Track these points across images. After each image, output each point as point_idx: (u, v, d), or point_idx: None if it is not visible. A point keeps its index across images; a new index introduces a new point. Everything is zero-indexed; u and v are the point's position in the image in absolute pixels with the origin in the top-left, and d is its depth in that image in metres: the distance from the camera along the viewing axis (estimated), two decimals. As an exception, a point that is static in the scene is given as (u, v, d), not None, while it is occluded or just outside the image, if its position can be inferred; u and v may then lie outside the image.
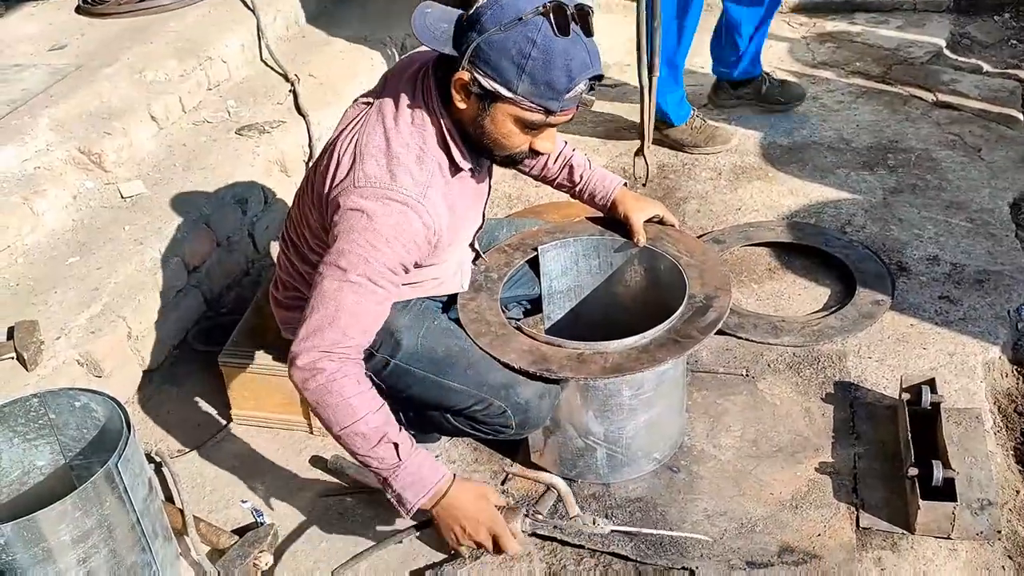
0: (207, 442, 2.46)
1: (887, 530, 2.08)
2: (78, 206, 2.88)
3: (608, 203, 2.37)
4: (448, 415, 2.15)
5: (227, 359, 2.39)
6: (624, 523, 2.13)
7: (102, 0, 3.76)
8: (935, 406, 2.22)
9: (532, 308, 2.48)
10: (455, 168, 1.95)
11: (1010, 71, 4.14)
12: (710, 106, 4.00)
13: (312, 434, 2.44)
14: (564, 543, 2.08)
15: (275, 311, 2.28)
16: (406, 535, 2.04)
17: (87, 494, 1.78)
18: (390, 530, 2.17)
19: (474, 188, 2.08)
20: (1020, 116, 3.73)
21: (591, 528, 1.98)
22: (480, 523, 1.87)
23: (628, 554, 2.06)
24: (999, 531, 2.04)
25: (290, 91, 3.55)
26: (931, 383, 2.27)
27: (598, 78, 1.79)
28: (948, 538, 2.03)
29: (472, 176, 2.02)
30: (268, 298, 2.38)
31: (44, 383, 2.30)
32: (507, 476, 2.26)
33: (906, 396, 2.27)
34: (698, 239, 2.68)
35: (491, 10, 1.74)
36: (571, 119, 1.87)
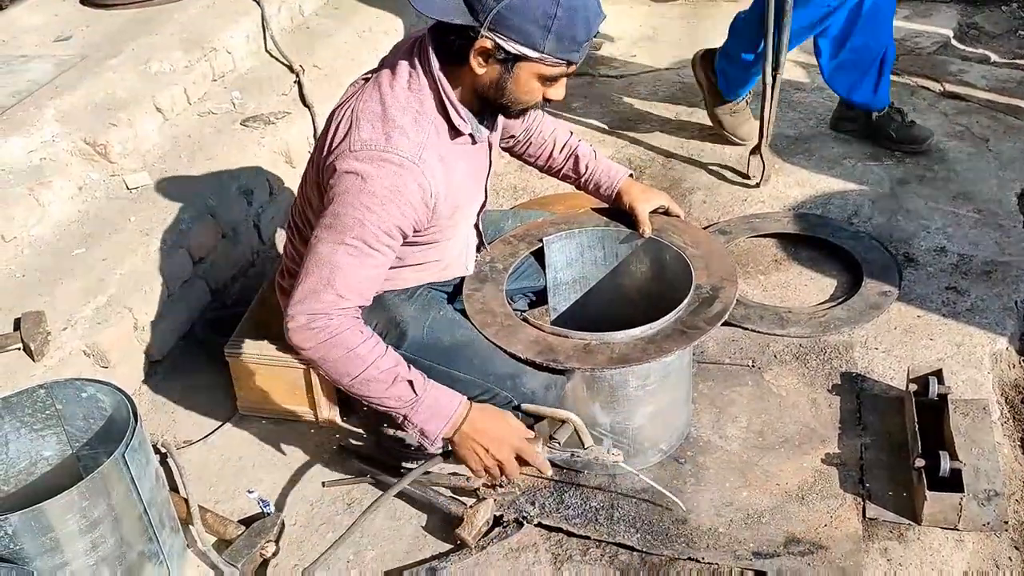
0: (213, 433, 2.47)
1: (894, 521, 2.07)
2: (84, 197, 2.88)
3: (613, 194, 2.36)
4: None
5: (233, 350, 2.40)
6: (631, 516, 2.13)
7: (107, -9, 3.75)
8: (942, 397, 2.21)
9: (537, 300, 2.47)
10: (454, 132, 1.96)
11: (1018, 61, 4.12)
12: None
13: (318, 424, 2.44)
14: (570, 534, 2.09)
15: (280, 300, 2.28)
16: (432, 465, 2.04)
17: (94, 484, 1.79)
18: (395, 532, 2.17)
19: (474, 157, 2.08)
20: (1028, 106, 3.72)
21: (604, 456, 2.00)
22: (503, 440, 1.91)
23: (634, 544, 2.06)
24: (1006, 522, 2.04)
25: (295, 82, 3.55)
26: (938, 374, 2.26)
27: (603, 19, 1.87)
28: (955, 529, 2.03)
29: (472, 143, 2.03)
30: (274, 289, 2.38)
31: (51, 374, 2.30)
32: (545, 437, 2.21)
33: (913, 387, 2.26)
34: (704, 230, 2.68)
35: None
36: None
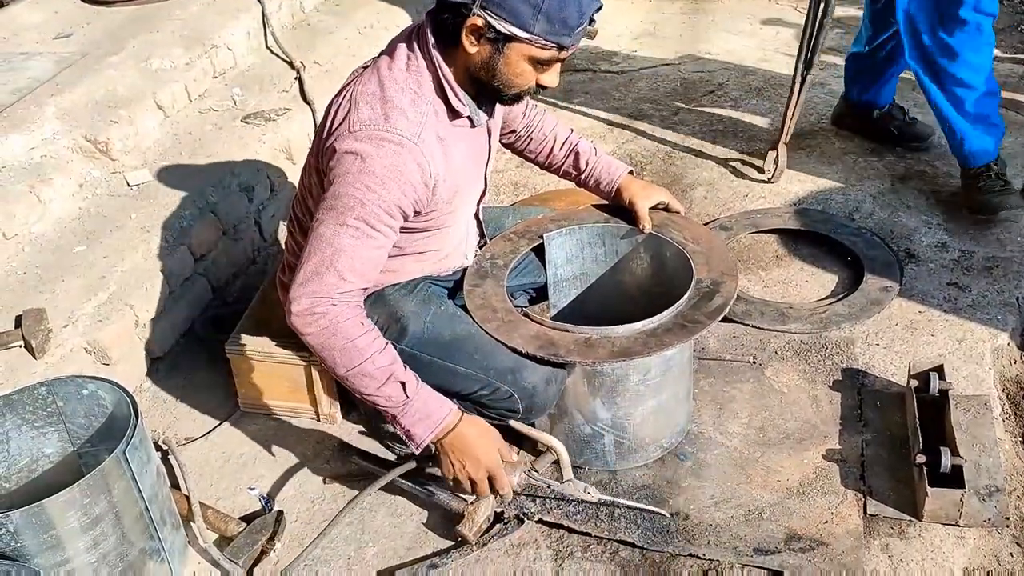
0: (214, 429, 2.47)
1: (895, 517, 2.07)
2: (85, 195, 2.88)
3: (613, 190, 2.36)
4: (455, 401, 2.15)
5: (234, 347, 2.39)
6: (632, 512, 2.13)
7: (107, -12, 3.75)
8: (943, 393, 2.21)
9: (538, 296, 2.47)
10: (453, 114, 1.97)
11: (1019, 56, 4.12)
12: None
13: (319, 421, 2.44)
14: (571, 530, 2.09)
15: (281, 295, 2.28)
16: (407, 467, 2.08)
17: (95, 481, 1.79)
18: (395, 524, 2.18)
19: (473, 141, 2.08)
20: (1030, 101, 3.71)
21: (581, 494, 2.03)
22: (481, 461, 1.93)
23: (635, 541, 2.05)
24: (1007, 518, 2.04)
25: (295, 79, 3.55)
26: (939, 370, 2.26)
27: (599, 8, 1.86)
28: (956, 525, 2.03)
29: (471, 127, 2.04)
30: (274, 285, 2.38)
31: (52, 371, 2.30)
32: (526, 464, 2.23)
33: (914, 383, 2.26)
34: (704, 226, 2.68)
35: None
36: (574, 52, 1.93)
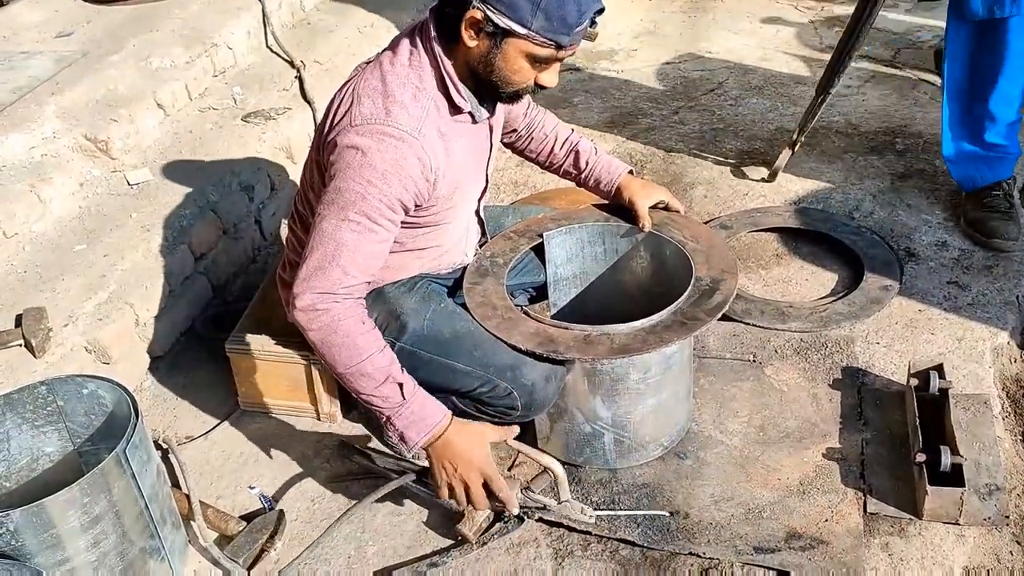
0: (214, 428, 2.47)
1: (895, 516, 2.07)
2: (85, 193, 2.88)
3: (613, 189, 2.36)
4: (454, 398, 2.15)
5: (234, 346, 2.40)
6: (629, 508, 2.14)
7: (107, -13, 3.76)
8: (943, 392, 2.21)
9: (537, 295, 2.47)
10: (454, 109, 1.97)
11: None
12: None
13: (319, 420, 2.45)
14: (572, 529, 2.09)
15: (282, 293, 2.28)
16: (404, 479, 2.09)
17: (95, 480, 1.79)
18: (397, 525, 2.18)
19: (474, 137, 2.08)
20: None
21: (577, 515, 2.04)
22: (473, 464, 1.92)
23: (635, 540, 2.05)
24: (1007, 516, 2.04)
25: (296, 78, 3.55)
26: (939, 368, 2.26)
27: (601, 11, 1.86)
28: (956, 524, 2.03)
29: (472, 123, 2.04)
30: (275, 284, 2.38)
31: (52, 370, 2.31)
32: (514, 461, 2.25)
33: (914, 382, 2.26)
34: (704, 224, 2.68)
35: None
36: (574, 52, 1.92)
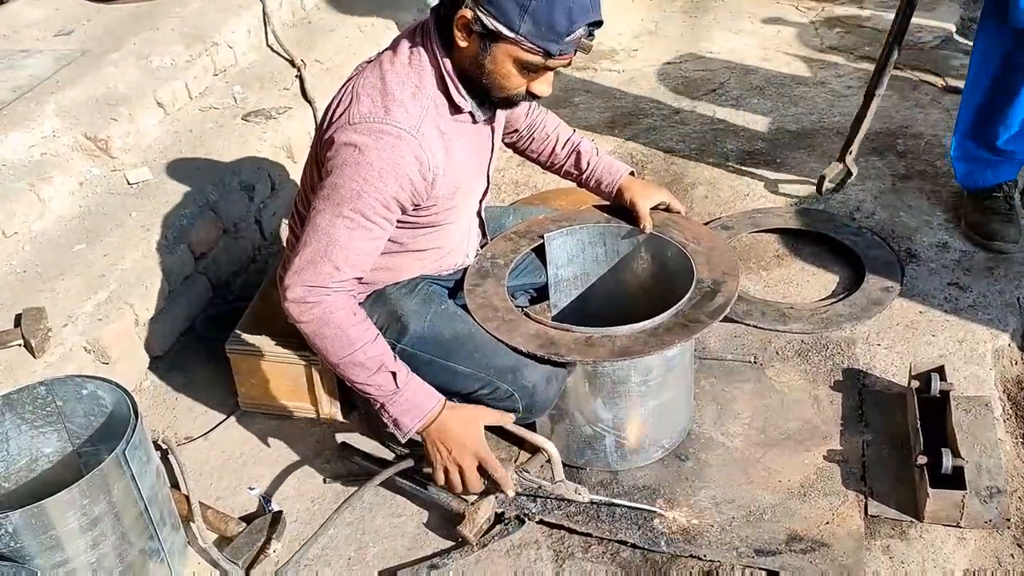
0: (214, 429, 2.46)
1: (896, 518, 2.07)
2: (84, 193, 2.88)
3: (614, 191, 2.35)
4: (455, 400, 2.15)
5: (234, 346, 2.39)
6: (633, 513, 2.13)
7: (107, -14, 3.75)
8: (944, 394, 2.20)
9: (538, 296, 2.47)
10: (454, 108, 1.97)
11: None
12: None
13: (320, 420, 2.44)
14: (572, 531, 2.08)
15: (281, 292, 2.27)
16: (400, 467, 2.10)
17: (95, 481, 1.78)
18: (395, 519, 2.17)
19: (475, 137, 2.08)
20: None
21: (571, 495, 2.05)
22: (466, 447, 1.94)
23: (636, 541, 2.05)
24: (1008, 519, 2.03)
25: (296, 77, 3.54)
26: (940, 370, 2.26)
27: (598, 24, 1.83)
28: (957, 526, 2.03)
29: (473, 123, 2.03)
30: (275, 284, 2.37)
31: (51, 370, 2.30)
32: (516, 463, 2.23)
33: (915, 383, 2.26)
34: (705, 225, 2.67)
35: None
36: (568, 64, 1.90)
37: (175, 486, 2.23)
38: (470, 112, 1.99)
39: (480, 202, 2.24)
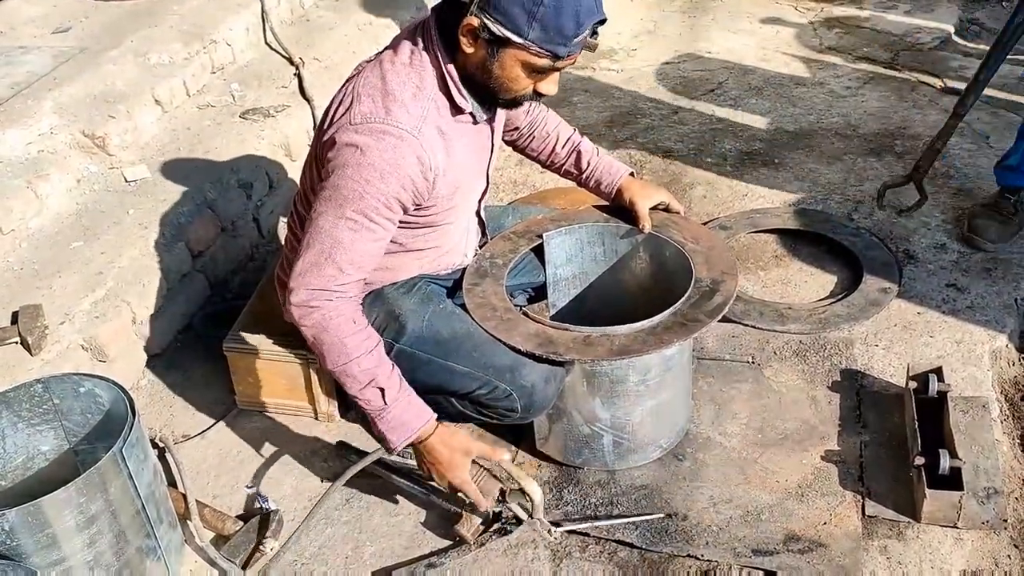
0: (211, 427, 2.46)
1: (893, 519, 2.07)
2: (82, 190, 2.87)
3: (613, 191, 2.35)
4: (453, 399, 2.15)
5: (232, 345, 2.39)
6: (630, 512, 2.13)
7: (106, -17, 3.74)
8: (942, 394, 2.21)
9: (536, 296, 2.47)
10: (455, 109, 1.97)
11: (1019, 57, 4.10)
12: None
13: (317, 419, 2.44)
14: (571, 531, 2.08)
15: (280, 293, 2.27)
16: (378, 454, 2.12)
17: (92, 480, 1.78)
18: (394, 520, 2.17)
19: (475, 138, 2.08)
20: (1029, 103, 3.70)
21: (544, 535, 2.05)
22: (444, 477, 1.97)
23: (633, 541, 2.05)
24: (1005, 520, 2.04)
25: (295, 75, 3.54)
26: (938, 371, 2.26)
27: (602, 22, 1.83)
28: (954, 527, 2.03)
29: (474, 123, 2.03)
30: (273, 283, 2.37)
31: (48, 368, 2.30)
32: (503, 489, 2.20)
33: (913, 384, 2.26)
34: (704, 226, 2.67)
35: None
36: (574, 63, 1.90)
37: (172, 484, 2.23)
38: (471, 112, 1.99)
39: (479, 202, 2.24)
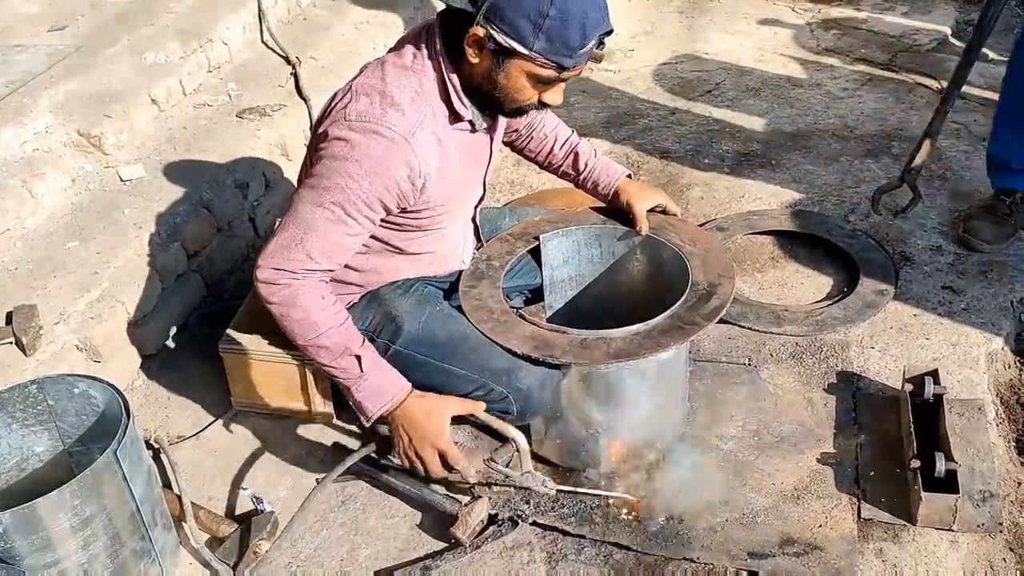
0: (207, 428, 2.45)
1: (889, 521, 2.07)
2: (77, 189, 2.86)
3: (611, 192, 2.35)
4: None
5: (227, 346, 2.38)
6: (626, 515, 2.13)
7: (102, -19, 3.73)
8: (938, 397, 2.21)
9: (533, 298, 2.46)
10: (454, 116, 1.97)
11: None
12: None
13: (313, 420, 2.43)
14: (565, 533, 2.08)
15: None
16: (366, 451, 2.11)
17: (86, 482, 1.77)
18: (390, 521, 2.17)
19: (474, 146, 2.07)
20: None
21: (538, 486, 2.04)
22: (425, 438, 1.95)
23: (629, 544, 2.05)
24: (1001, 523, 2.04)
25: (291, 74, 3.53)
26: (934, 374, 2.26)
27: (607, 33, 1.83)
28: (950, 530, 2.03)
29: (472, 131, 2.03)
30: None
31: (43, 368, 2.29)
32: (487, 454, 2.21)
33: (909, 387, 2.26)
34: (701, 228, 2.67)
35: None
36: (579, 73, 1.90)
37: (167, 486, 2.22)
38: (469, 120, 1.99)
39: (475, 208, 2.24)
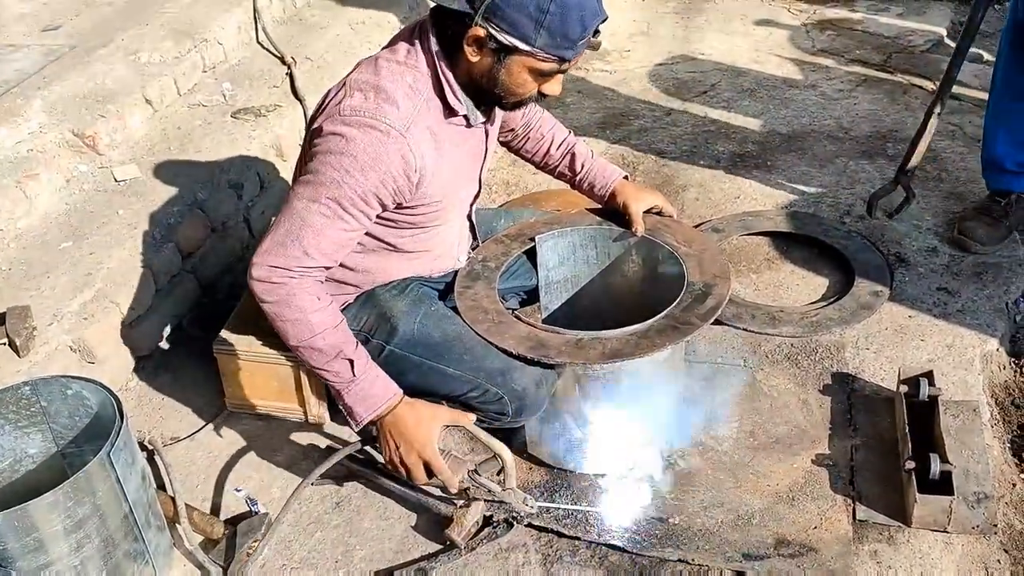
0: (201, 430, 2.45)
1: (884, 523, 2.07)
2: (71, 190, 2.85)
3: (607, 194, 2.35)
4: (444, 402, 2.14)
5: (221, 347, 2.37)
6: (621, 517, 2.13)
7: (96, -20, 3.72)
8: (933, 398, 2.21)
9: (529, 299, 2.46)
10: (448, 111, 1.97)
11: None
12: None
13: (307, 422, 2.43)
14: (560, 534, 2.08)
15: None
16: (348, 450, 2.10)
17: (79, 484, 1.77)
18: (384, 523, 2.16)
19: (468, 141, 2.07)
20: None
21: (518, 505, 2.04)
22: (412, 447, 1.95)
23: (624, 545, 2.05)
24: (995, 524, 2.04)
25: (287, 74, 3.52)
26: (929, 375, 2.26)
27: (603, 20, 1.84)
28: (945, 531, 2.03)
29: (468, 126, 2.03)
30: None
31: (36, 369, 2.28)
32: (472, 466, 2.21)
33: (904, 388, 2.26)
34: (696, 229, 2.67)
35: None
36: (578, 63, 1.92)
37: (161, 487, 2.22)
38: (464, 115, 1.98)
39: (471, 205, 2.23)
